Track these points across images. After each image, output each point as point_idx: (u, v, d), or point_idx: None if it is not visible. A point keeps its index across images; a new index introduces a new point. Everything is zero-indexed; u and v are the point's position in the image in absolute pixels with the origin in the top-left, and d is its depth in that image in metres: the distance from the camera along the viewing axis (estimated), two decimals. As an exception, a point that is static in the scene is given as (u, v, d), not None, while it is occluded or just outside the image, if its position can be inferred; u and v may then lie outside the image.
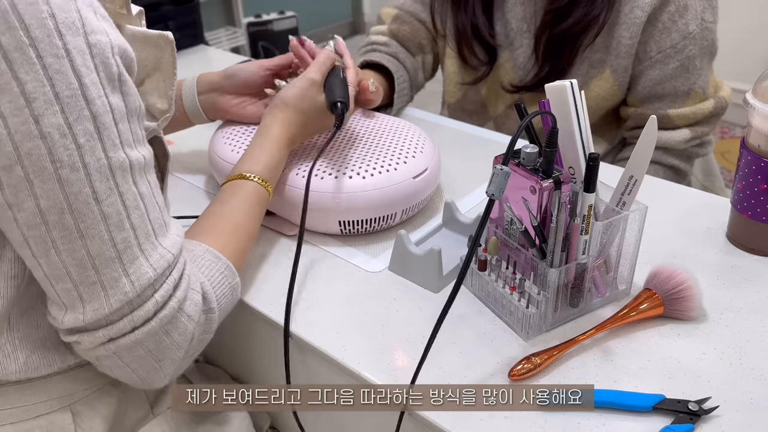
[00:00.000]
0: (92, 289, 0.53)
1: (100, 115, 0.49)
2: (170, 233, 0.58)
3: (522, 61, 1.10)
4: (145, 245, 0.54)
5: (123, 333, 0.55)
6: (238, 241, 0.69)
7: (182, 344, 0.58)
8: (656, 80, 1.05)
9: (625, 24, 1.01)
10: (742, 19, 2.68)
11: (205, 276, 0.62)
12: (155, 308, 0.55)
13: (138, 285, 0.54)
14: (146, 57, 0.59)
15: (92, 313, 0.53)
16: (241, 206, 0.71)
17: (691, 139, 1.07)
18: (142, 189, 0.54)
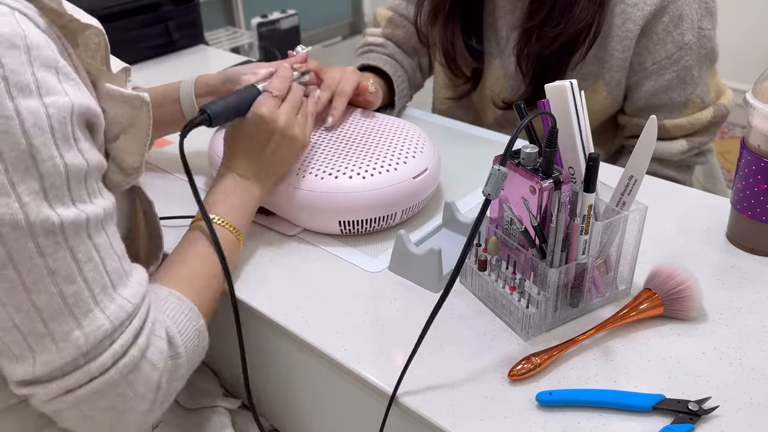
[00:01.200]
0: (42, 341, 0.52)
1: (50, 175, 0.49)
2: (131, 282, 0.57)
3: (512, 70, 1.09)
4: (100, 297, 0.53)
5: (79, 384, 0.53)
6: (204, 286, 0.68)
7: (147, 395, 0.57)
8: (652, 92, 1.03)
9: (618, 37, 0.99)
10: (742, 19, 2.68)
11: (170, 320, 0.61)
12: (114, 358, 0.54)
13: (92, 337, 0.53)
14: (121, 114, 0.60)
15: (42, 366, 0.52)
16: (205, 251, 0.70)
17: (689, 150, 1.06)
18: (98, 241, 0.54)
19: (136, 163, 0.62)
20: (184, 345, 0.61)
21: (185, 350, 0.61)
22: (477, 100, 1.19)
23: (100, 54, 0.58)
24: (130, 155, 0.61)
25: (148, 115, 0.61)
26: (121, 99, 0.59)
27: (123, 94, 0.59)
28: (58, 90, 0.50)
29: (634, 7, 0.97)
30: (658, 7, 0.96)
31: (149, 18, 1.46)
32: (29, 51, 0.49)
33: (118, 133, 0.61)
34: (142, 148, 0.62)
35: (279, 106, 0.78)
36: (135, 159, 0.62)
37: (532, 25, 1.00)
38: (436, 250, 0.72)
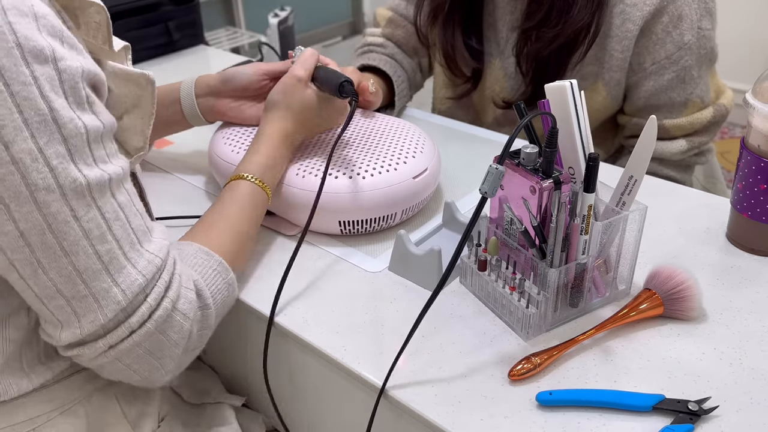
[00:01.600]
0: (85, 302, 0.54)
1: (72, 137, 0.51)
2: (155, 238, 0.59)
3: (512, 71, 1.09)
4: (130, 253, 0.56)
5: (121, 339, 0.56)
6: (231, 240, 0.70)
7: (180, 341, 0.60)
8: (651, 92, 1.03)
9: (617, 37, 0.99)
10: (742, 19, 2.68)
11: (198, 273, 0.64)
12: (149, 311, 0.56)
13: (129, 292, 0.55)
14: (126, 94, 0.61)
15: (89, 326, 0.55)
16: (233, 206, 0.72)
17: (688, 149, 1.06)
18: (121, 199, 0.56)
19: (140, 143, 0.63)
20: (212, 297, 0.64)
21: (214, 302, 0.64)
22: (477, 100, 1.19)
23: (101, 33, 0.58)
24: (134, 135, 0.62)
25: (153, 94, 0.62)
26: (125, 77, 0.60)
27: (128, 72, 0.60)
28: (66, 56, 0.51)
29: (633, 7, 0.97)
30: (658, 8, 0.96)
31: (149, 18, 1.46)
32: (37, 19, 0.49)
33: (121, 114, 0.62)
34: (146, 128, 0.63)
35: None
36: (139, 139, 0.63)
37: (530, 26, 1.00)
38: (436, 250, 0.72)
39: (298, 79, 0.81)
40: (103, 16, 0.58)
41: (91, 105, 0.53)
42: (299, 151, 0.85)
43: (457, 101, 1.20)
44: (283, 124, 0.80)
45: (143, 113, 0.62)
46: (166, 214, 0.86)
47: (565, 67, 1.01)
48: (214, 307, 0.64)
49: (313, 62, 0.83)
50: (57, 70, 0.50)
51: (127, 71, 0.60)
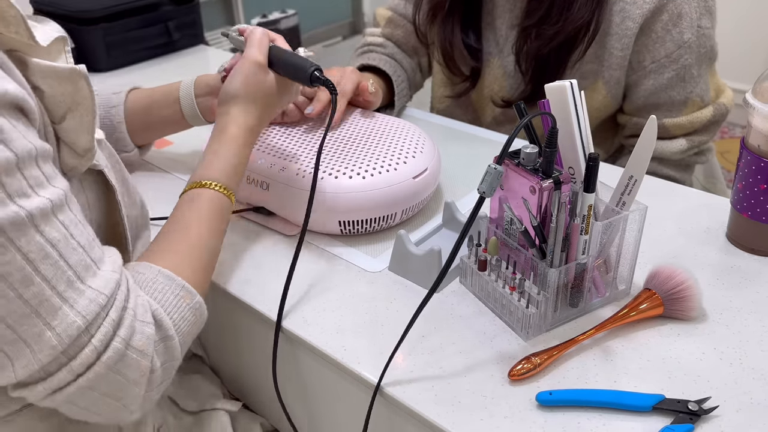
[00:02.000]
0: (15, 346, 0.50)
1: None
2: (102, 270, 0.53)
3: (511, 69, 1.09)
4: (66, 293, 0.50)
5: (66, 382, 0.52)
6: (197, 257, 0.65)
7: (140, 380, 0.55)
8: (651, 90, 1.03)
9: (617, 35, 0.99)
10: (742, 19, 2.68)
11: (157, 302, 0.58)
12: (96, 353, 0.52)
13: (66, 336, 0.50)
14: (61, 93, 0.55)
15: (22, 370, 0.50)
16: (197, 218, 0.67)
17: (688, 149, 1.06)
18: (52, 235, 0.50)
19: (87, 144, 0.58)
20: (175, 326, 0.58)
21: (177, 331, 0.59)
22: (475, 99, 1.19)
23: (21, 27, 0.52)
24: (81, 135, 0.57)
25: (89, 89, 0.56)
26: (54, 75, 0.54)
27: (55, 69, 0.54)
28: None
29: (633, 5, 0.97)
30: (657, 6, 0.96)
31: (149, 18, 1.46)
32: None
33: (63, 114, 0.56)
34: (91, 126, 0.58)
35: None
36: (86, 139, 0.58)
37: (530, 24, 1.00)
38: (436, 250, 0.72)
39: (258, 64, 0.74)
40: (15, 10, 0.51)
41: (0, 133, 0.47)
42: (300, 151, 0.85)
43: (455, 100, 1.20)
44: (246, 120, 0.74)
45: (85, 110, 0.56)
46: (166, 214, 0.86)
47: (564, 66, 1.01)
48: (179, 337, 0.59)
49: (267, 43, 0.77)
50: None
51: (55, 68, 0.54)
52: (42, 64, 0.54)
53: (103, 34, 1.37)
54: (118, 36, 1.40)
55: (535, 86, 1.04)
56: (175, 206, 0.69)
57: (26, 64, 0.53)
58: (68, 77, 0.55)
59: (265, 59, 0.76)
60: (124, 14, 1.41)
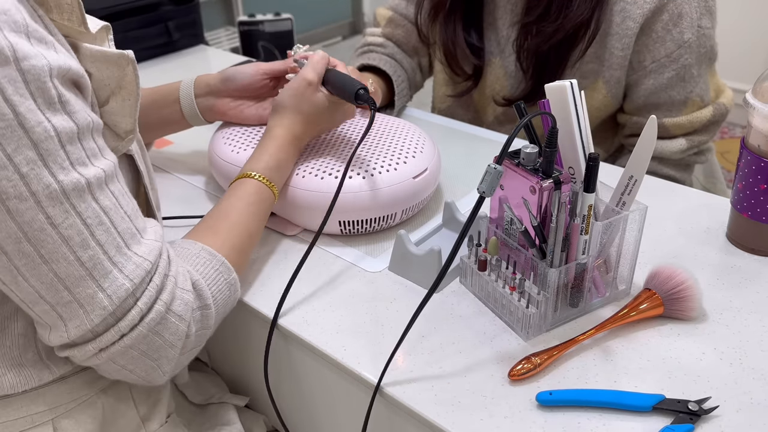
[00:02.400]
0: (69, 307, 0.53)
1: (42, 141, 0.49)
2: (145, 239, 0.57)
3: (513, 69, 1.09)
4: (116, 258, 0.54)
5: (112, 342, 0.55)
6: (236, 238, 0.69)
7: (176, 343, 0.59)
8: (651, 90, 1.03)
9: (617, 35, 0.99)
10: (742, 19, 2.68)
11: (199, 273, 0.63)
12: (140, 315, 0.55)
13: (116, 298, 0.54)
14: (108, 76, 0.59)
15: (75, 330, 0.54)
16: (239, 204, 0.72)
17: (688, 148, 1.06)
18: (105, 203, 0.54)
19: (129, 126, 0.62)
20: (213, 297, 0.63)
21: (214, 302, 0.63)
22: (477, 99, 1.19)
23: (75, 15, 0.55)
24: (123, 118, 0.61)
25: (135, 74, 0.60)
26: (104, 59, 0.58)
27: (105, 54, 0.58)
28: (31, 54, 0.48)
29: (633, 5, 0.97)
30: (658, 5, 0.96)
31: (149, 18, 1.46)
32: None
33: (107, 97, 0.60)
34: (133, 109, 0.61)
35: None
36: (128, 121, 0.61)
37: (530, 21, 1.00)
38: (436, 250, 0.72)
39: (309, 83, 0.80)
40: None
41: (63, 105, 0.50)
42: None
43: (457, 100, 1.20)
44: (292, 127, 0.79)
45: (129, 94, 0.60)
46: (166, 214, 0.86)
47: (565, 64, 1.01)
48: (215, 308, 0.63)
49: (323, 65, 0.83)
50: (20, 71, 0.47)
51: (105, 52, 0.57)
52: (93, 48, 0.57)
53: (103, 34, 1.37)
54: (118, 36, 1.40)
55: (536, 85, 1.04)
56: (223, 195, 0.74)
57: (77, 48, 0.57)
58: (116, 61, 0.59)
59: (316, 78, 0.81)
60: (124, 14, 1.41)
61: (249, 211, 0.72)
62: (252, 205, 0.73)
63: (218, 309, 0.64)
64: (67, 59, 0.52)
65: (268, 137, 0.79)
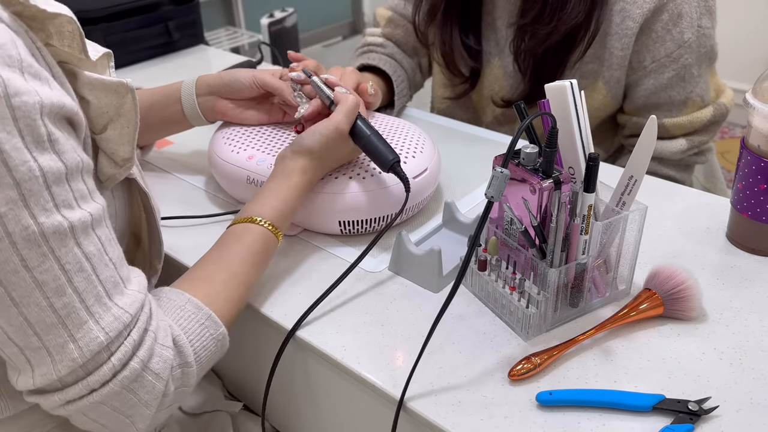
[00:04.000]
0: (38, 353, 0.51)
1: (26, 181, 0.47)
2: (129, 290, 0.55)
3: (512, 70, 1.09)
4: (94, 308, 0.52)
5: (80, 395, 0.53)
6: (233, 290, 0.66)
7: (151, 402, 0.56)
8: (651, 90, 1.03)
9: (617, 35, 0.99)
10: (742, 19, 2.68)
11: (181, 329, 0.59)
12: (112, 372, 0.53)
13: (87, 350, 0.51)
14: (106, 104, 0.57)
15: (41, 378, 0.52)
16: (243, 253, 0.68)
17: (688, 149, 1.05)
18: (88, 249, 0.51)
19: (128, 154, 0.60)
20: (195, 354, 0.60)
21: (197, 359, 0.60)
22: (476, 99, 1.19)
23: (75, 42, 0.55)
24: (121, 146, 0.59)
25: (134, 102, 0.59)
26: (102, 87, 0.57)
27: (104, 82, 0.57)
28: (23, 90, 0.47)
29: (633, 5, 0.97)
30: (658, 5, 0.96)
31: (149, 18, 1.46)
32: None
33: (105, 124, 0.59)
34: (132, 137, 0.59)
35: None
36: (126, 149, 0.60)
37: (524, 23, 1.00)
38: (436, 250, 0.72)
39: (341, 134, 0.76)
40: (74, 26, 0.54)
41: (52, 143, 0.48)
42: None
43: (455, 100, 1.20)
44: (313, 175, 0.76)
45: (127, 122, 0.59)
46: (166, 215, 0.86)
47: (563, 66, 1.01)
48: (197, 365, 0.60)
49: (356, 113, 0.78)
50: (9, 107, 0.45)
51: (104, 81, 0.56)
52: (92, 76, 0.56)
53: (103, 34, 1.37)
54: (118, 36, 1.40)
55: (534, 86, 1.04)
56: (221, 237, 0.70)
57: (76, 75, 0.56)
58: (115, 90, 0.57)
59: (349, 128, 0.77)
60: (124, 14, 1.41)
61: (251, 261, 0.68)
62: (255, 255, 0.69)
63: (201, 366, 0.61)
64: (61, 96, 0.50)
65: (284, 179, 0.74)
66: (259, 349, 0.78)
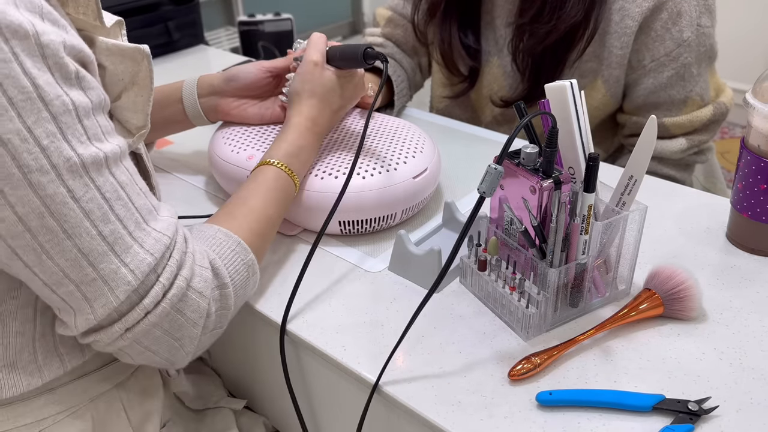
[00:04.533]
0: (94, 285, 0.53)
1: (61, 114, 0.49)
2: (161, 216, 0.57)
3: (511, 69, 1.09)
4: (136, 233, 0.54)
5: (137, 320, 0.55)
6: (254, 223, 0.69)
7: (198, 320, 0.58)
8: (651, 89, 1.03)
9: (616, 33, 0.99)
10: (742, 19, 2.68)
11: (215, 253, 0.62)
12: (163, 290, 0.55)
13: (139, 272, 0.54)
14: (122, 71, 0.59)
15: (102, 309, 0.54)
16: (258, 189, 0.72)
17: (688, 148, 1.05)
18: (122, 178, 0.54)
19: (141, 122, 0.62)
20: (230, 276, 0.62)
21: (232, 281, 0.62)
22: (475, 99, 1.19)
23: (91, 8, 0.56)
24: (135, 114, 0.61)
25: (149, 69, 0.60)
26: (119, 53, 0.58)
27: (121, 47, 0.58)
28: (47, 30, 0.48)
29: (632, 4, 0.97)
30: (657, 4, 0.96)
31: (149, 18, 1.46)
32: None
33: (120, 92, 0.60)
34: (146, 105, 0.61)
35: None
36: (140, 117, 0.61)
37: (523, 22, 1.00)
38: (436, 250, 0.72)
39: (315, 63, 0.80)
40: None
41: (79, 80, 0.51)
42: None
43: (454, 99, 1.20)
44: (308, 112, 0.79)
45: (142, 90, 0.60)
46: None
47: (562, 65, 1.01)
48: (233, 287, 0.63)
49: (323, 43, 0.83)
50: (39, 45, 0.47)
51: (121, 46, 0.58)
52: (109, 41, 0.58)
53: (103, 34, 1.37)
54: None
55: (533, 85, 1.04)
56: (251, 175, 0.74)
57: (92, 41, 0.57)
58: (132, 56, 0.59)
59: (321, 57, 0.81)
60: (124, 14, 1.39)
61: (267, 196, 0.71)
62: (270, 191, 0.72)
63: (237, 289, 0.64)
64: (80, 42, 0.52)
65: (287, 126, 0.79)
66: (258, 348, 0.78)
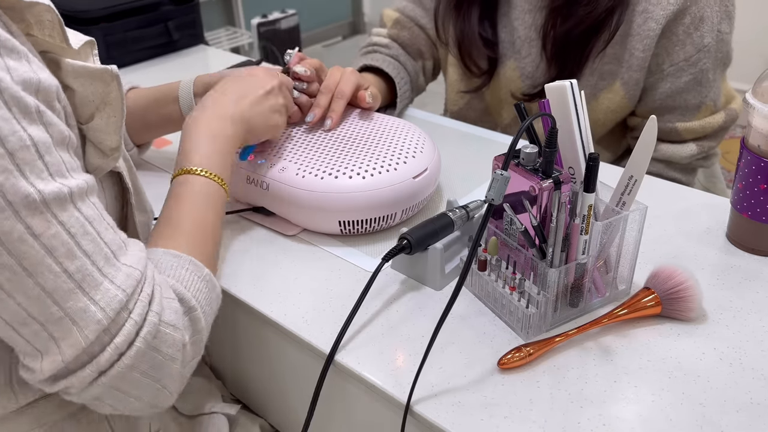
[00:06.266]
0: (61, 324, 0.50)
1: (17, 150, 0.47)
2: (130, 250, 0.55)
3: (530, 70, 1.08)
4: (106, 269, 0.52)
5: (111, 363, 0.52)
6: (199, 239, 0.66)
7: (175, 355, 0.56)
8: (667, 93, 1.03)
9: (639, 36, 0.98)
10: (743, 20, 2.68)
11: (172, 278, 0.60)
12: (136, 328, 0.53)
13: (110, 310, 0.51)
14: (92, 92, 0.57)
15: (70, 350, 0.51)
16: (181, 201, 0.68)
17: (698, 153, 1.06)
18: (89, 213, 0.52)
19: (115, 143, 0.60)
20: (195, 298, 0.60)
21: (198, 303, 0.60)
22: (490, 100, 1.18)
23: (56, 31, 0.54)
24: (108, 135, 0.59)
25: (119, 90, 0.58)
26: (87, 75, 0.57)
27: (89, 69, 0.56)
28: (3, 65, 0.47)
29: (656, 6, 0.97)
30: (680, 8, 0.96)
31: (149, 18, 1.46)
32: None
33: (92, 113, 0.58)
34: (118, 126, 0.59)
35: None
36: (113, 139, 0.60)
37: (558, 4, 0.99)
38: (438, 248, 0.72)
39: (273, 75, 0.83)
40: (53, 14, 0.54)
41: (40, 115, 0.49)
42: (300, 151, 0.85)
43: (469, 103, 1.20)
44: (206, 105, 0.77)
45: (114, 111, 0.58)
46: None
47: (589, 53, 1.00)
48: (200, 309, 0.60)
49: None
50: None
51: (88, 68, 0.56)
52: (76, 64, 0.56)
53: (103, 34, 1.37)
54: (118, 36, 1.40)
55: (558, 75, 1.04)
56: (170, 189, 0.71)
57: (59, 64, 0.56)
58: (100, 77, 0.57)
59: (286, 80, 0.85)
60: (124, 14, 1.41)
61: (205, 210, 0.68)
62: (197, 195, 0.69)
63: (203, 309, 0.61)
64: (36, 74, 0.50)
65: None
66: (258, 348, 0.78)
